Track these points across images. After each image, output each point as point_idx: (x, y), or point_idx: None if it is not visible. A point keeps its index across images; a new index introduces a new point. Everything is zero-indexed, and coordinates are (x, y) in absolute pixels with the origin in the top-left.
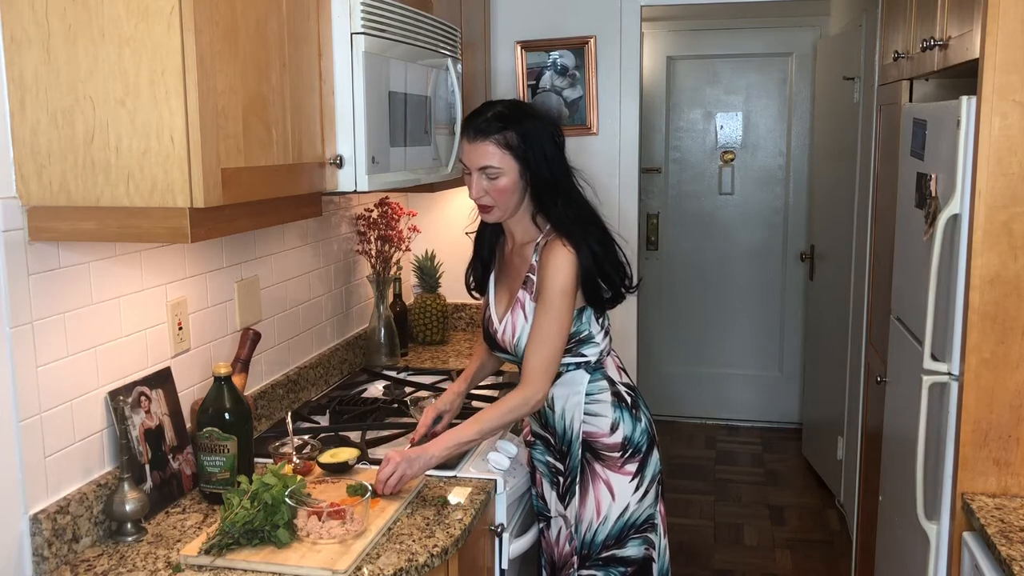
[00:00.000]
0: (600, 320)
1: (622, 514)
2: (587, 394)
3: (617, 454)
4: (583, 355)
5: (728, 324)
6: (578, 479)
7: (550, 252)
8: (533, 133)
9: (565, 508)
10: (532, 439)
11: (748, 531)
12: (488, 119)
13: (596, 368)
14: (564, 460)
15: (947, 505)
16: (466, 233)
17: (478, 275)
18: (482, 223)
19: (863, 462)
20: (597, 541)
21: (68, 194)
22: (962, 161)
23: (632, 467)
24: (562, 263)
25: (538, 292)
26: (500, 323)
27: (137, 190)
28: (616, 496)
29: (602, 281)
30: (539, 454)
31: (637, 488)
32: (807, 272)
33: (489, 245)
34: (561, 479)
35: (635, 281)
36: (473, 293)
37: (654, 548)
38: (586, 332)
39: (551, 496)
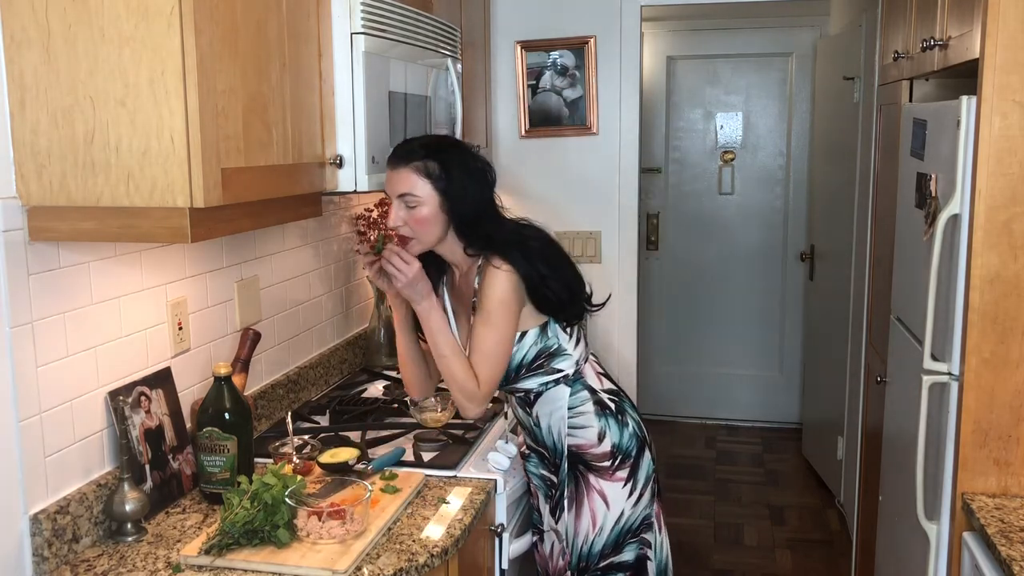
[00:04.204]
0: (568, 331)
1: (617, 521)
2: (569, 407)
3: (607, 463)
4: (559, 370)
5: (728, 324)
6: (569, 493)
7: (485, 271)
8: (456, 166)
9: (556, 522)
10: (527, 452)
11: (748, 531)
12: (412, 147)
13: (575, 379)
14: (557, 473)
15: (947, 505)
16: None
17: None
18: None
19: (863, 462)
20: (594, 552)
21: (68, 194)
22: (962, 161)
23: (623, 473)
24: (497, 279)
25: (477, 309)
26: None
27: (137, 190)
28: (610, 504)
29: (550, 295)
30: (533, 467)
31: (631, 493)
32: (807, 272)
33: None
34: (555, 491)
35: (592, 298)
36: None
37: (650, 547)
38: (555, 346)
39: (545, 509)
